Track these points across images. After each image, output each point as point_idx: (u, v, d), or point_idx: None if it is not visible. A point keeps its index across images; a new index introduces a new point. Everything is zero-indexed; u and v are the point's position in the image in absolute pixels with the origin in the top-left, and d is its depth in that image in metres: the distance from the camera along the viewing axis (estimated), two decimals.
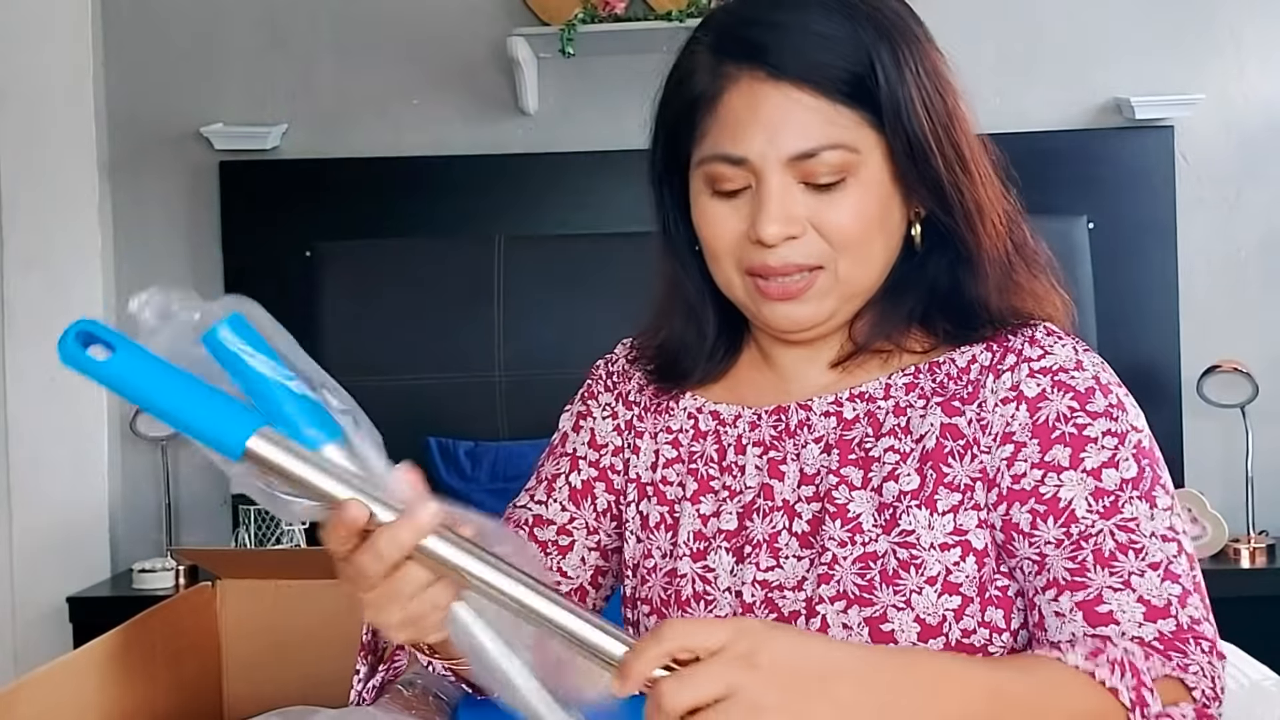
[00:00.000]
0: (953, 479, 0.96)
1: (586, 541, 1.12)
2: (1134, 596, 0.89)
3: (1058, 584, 0.92)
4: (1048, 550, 0.92)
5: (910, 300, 1.03)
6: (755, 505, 1.02)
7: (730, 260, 1.00)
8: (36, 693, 1.31)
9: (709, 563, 1.03)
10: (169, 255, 3.29)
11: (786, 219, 0.96)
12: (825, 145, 0.95)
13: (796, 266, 0.98)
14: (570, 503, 1.12)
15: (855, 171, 0.96)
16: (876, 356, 1.04)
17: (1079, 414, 0.95)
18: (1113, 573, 0.90)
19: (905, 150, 0.97)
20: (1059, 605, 0.91)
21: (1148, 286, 3.16)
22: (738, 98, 0.97)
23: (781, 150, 0.95)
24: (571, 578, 1.11)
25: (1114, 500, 0.92)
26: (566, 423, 1.16)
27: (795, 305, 0.99)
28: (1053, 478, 0.93)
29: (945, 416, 0.98)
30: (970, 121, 1.02)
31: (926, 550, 0.95)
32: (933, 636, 0.94)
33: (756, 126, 0.96)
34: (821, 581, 0.97)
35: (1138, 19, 3.23)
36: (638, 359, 1.15)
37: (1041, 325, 1.01)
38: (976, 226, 1.00)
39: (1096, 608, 0.90)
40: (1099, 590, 0.90)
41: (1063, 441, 0.94)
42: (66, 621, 2.90)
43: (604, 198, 3.18)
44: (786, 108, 0.95)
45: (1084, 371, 0.97)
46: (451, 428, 2.97)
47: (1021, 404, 0.96)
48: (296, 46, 3.29)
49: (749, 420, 1.05)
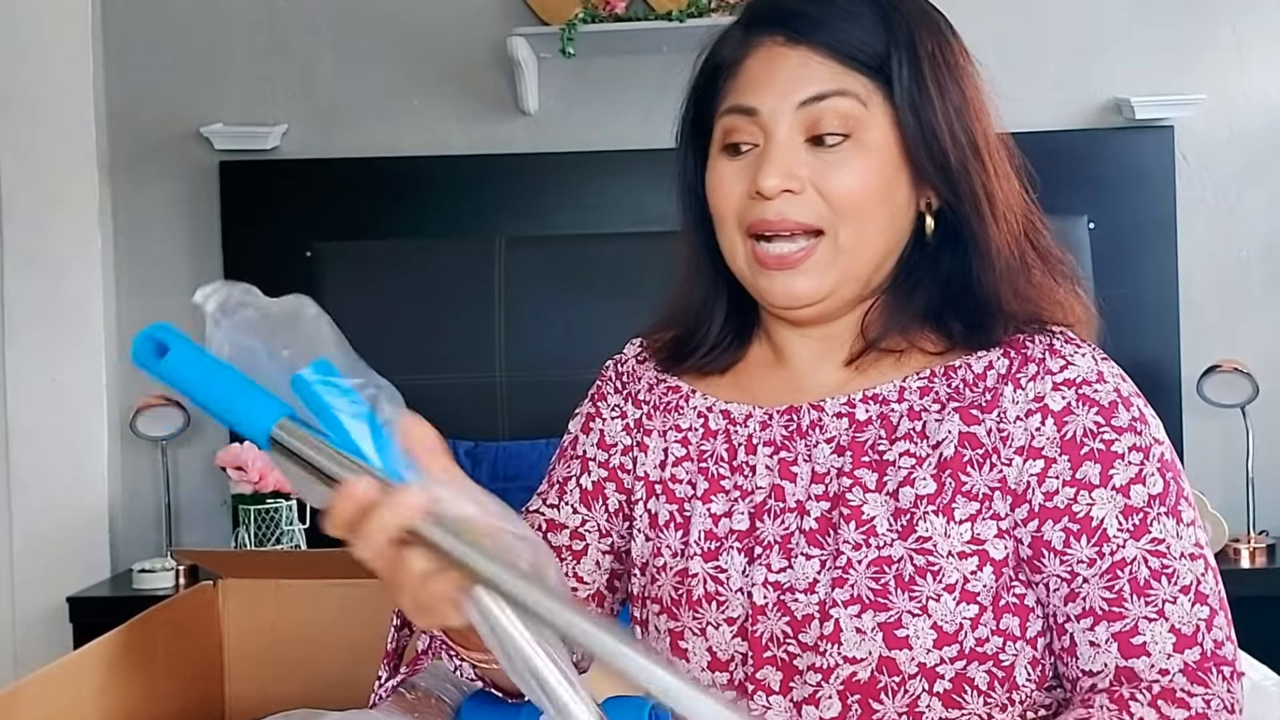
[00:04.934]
0: (971, 488, 0.96)
1: (600, 545, 1.11)
2: (1166, 626, 0.92)
3: (1094, 614, 0.94)
4: (1079, 569, 0.94)
5: (922, 294, 1.03)
6: (766, 506, 1.02)
7: (733, 221, 1.02)
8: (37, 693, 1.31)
9: (721, 563, 1.02)
10: (169, 255, 3.29)
11: (787, 173, 0.98)
12: (834, 91, 0.98)
13: (795, 224, 0.99)
14: (582, 505, 1.11)
15: (860, 132, 0.98)
16: (889, 356, 1.03)
17: (1105, 429, 0.95)
18: (1148, 602, 0.93)
19: (914, 124, 0.99)
20: (1095, 635, 0.94)
21: (1148, 286, 3.16)
22: (757, 61, 1.01)
23: (793, 99, 0.98)
24: (588, 583, 1.10)
25: (1143, 518, 0.94)
26: (575, 425, 1.16)
27: (793, 277, 1.00)
28: (1084, 495, 0.94)
29: (963, 425, 0.97)
30: (989, 114, 1.04)
31: (944, 558, 0.95)
32: (948, 644, 0.94)
33: (770, 83, 1.00)
34: (835, 585, 0.96)
35: (1138, 19, 3.23)
36: (646, 349, 1.14)
37: (1059, 333, 1.00)
38: (986, 216, 1.00)
39: (1131, 639, 0.93)
40: (1135, 621, 0.93)
41: (1092, 458, 0.95)
42: (66, 621, 2.90)
43: (604, 198, 3.18)
44: (800, 65, 0.99)
45: (1106, 384, 0.97)
46: (451, 428, 2.97)
47: (1047, 418, 0.96)
48: (296, 46, 3.29)
49: (760, 420, 1.05)
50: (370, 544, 0.71)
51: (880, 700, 0.95)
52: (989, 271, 1.01)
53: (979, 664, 0.95)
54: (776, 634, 0.97)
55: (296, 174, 3.26)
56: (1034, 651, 0.97)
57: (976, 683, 0.95)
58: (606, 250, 3.06)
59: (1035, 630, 0.97)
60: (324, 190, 3.23)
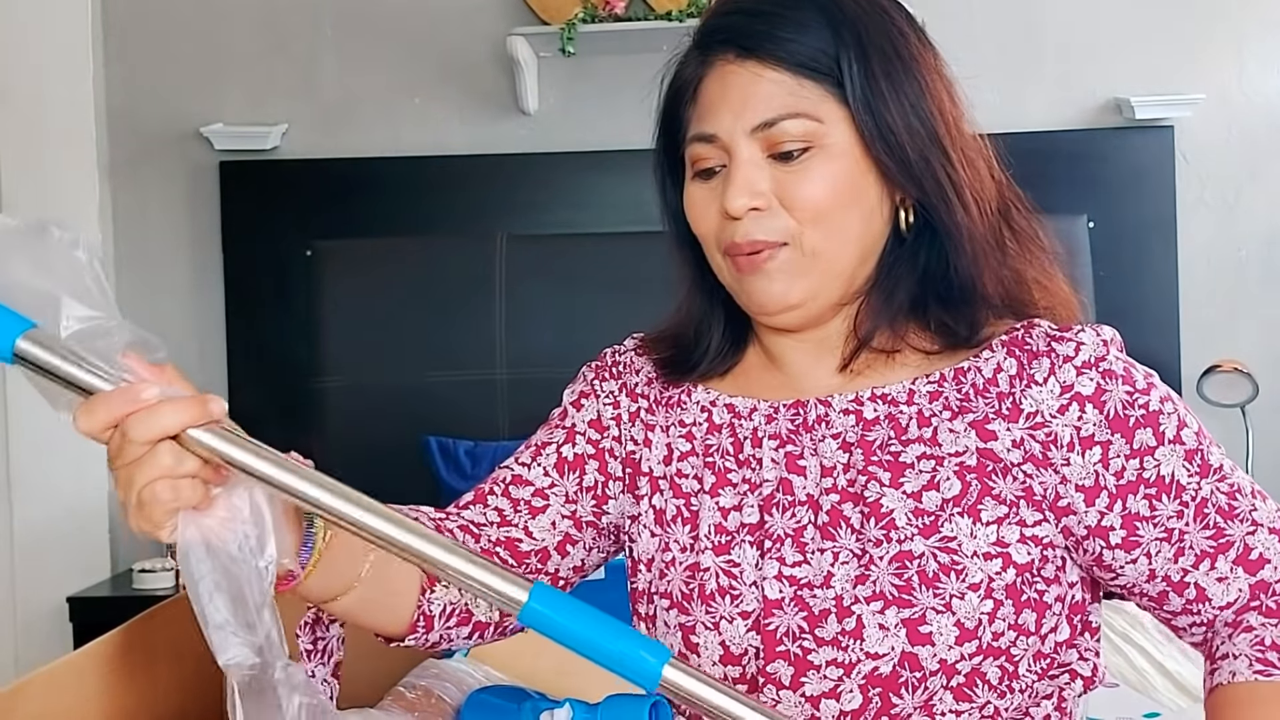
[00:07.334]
0: (998, 493, 0.97)
1: (562, 509, 1.10)
2: (1265, 531, 0.99)
3: (1209, 554, 0.98)
4: (1173, 525, 0.98)
5: (903, 288, 1.03)
6: (775, 499, 1.02)
7: (713, 241, 1.03)
8: (37, 693, 1.31)
9: (733, 556, 1.02)
10: (169, 255, 3.29)
11: (751, 192, 0.99)
12: (786, 114, 0.98)
13: (762, 243, 0.99)
14: (555, 470, 1.11)
15: (820, 142, 0.99)
16: (883, 357, 1.03)
17: (1137, 395, 0.98)
18: (1240, 520, 0.99)
19: (870, 123, 0.99)
20: (1219, 571, 0.99)
21: (1148, 286, 3.16)
22: (711, 81, 1.02)
23: (746, 123, 0.99)
24: (535, 539, 1.09)
25: (1201, 454, 0.98)
26: (568, 398, 1.16)
27: (766, 281, 1.00)
28: (1149, 460, 0.97)
29: (980, 441, 0.98)
30: (952, 103, 1.03)
31: (969, 558, 0.95)
32: (968, 640, 0.95)
33: (725, 104, 1.00)
34: (858, 582, 0.96)
35: (1138, 19, 3.23)
36: (647, 351, 1.14)
37: (1043, 324, 1.00)
38: (954, 203, 1.00)
39: (1249, 557, 0.99)
40: (1242, 541, 0.99)
41: (1140, 425, 0.97)
42: (66, 621, 2.91)
43: (604, 198, 3.18)
44: (752, 83, 0.99)
45: (1111, 351, 0.99)
46: (451, 427, 2.97)
47: (1086, 404, 0.97)
48: (297, 46, 3.29)
49: (765, 413, 1.05)
50: (134, 437, 0.76)
51: (900, 695, 0.95)
52: (962, 257, 1.01)
53: (993, 658, 0.96)
54: (793, 628, 0.98)
55: (296, 174, 3.26)
56: (1042, 645, 0.98)
57: (988, 677, 0.96)
58: (606, 249, 3.06)
59: (1049, 626, 0.98)
60: (324, 190, 3.23)
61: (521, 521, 1.09)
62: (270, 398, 3.14)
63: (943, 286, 1.02)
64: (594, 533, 1.12)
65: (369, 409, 3.06)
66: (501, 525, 1.08)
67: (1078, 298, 1.08)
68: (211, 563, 0.77)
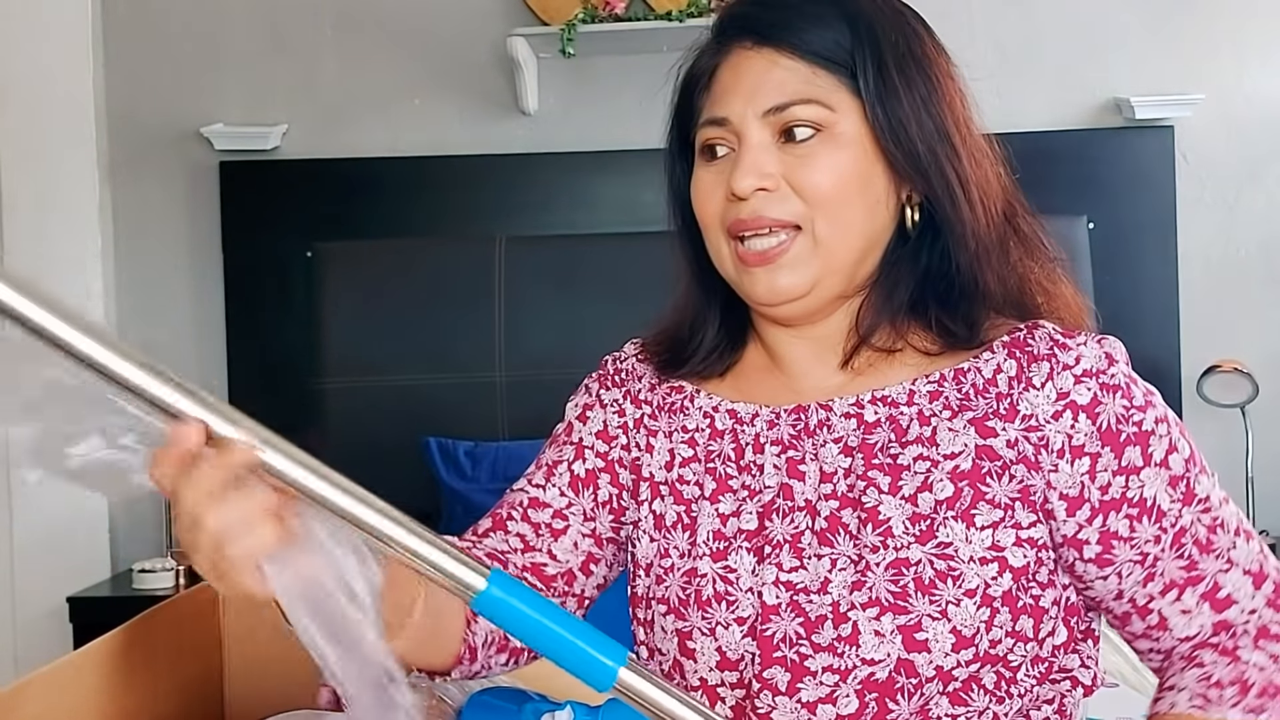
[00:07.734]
0: (992, 496, 0.97)
1: (582, 528, 1.11)
2: (1239, 571, 0.98)
3: (1177, 584, 0.98)
4: (1149, 549, 0.97)
5: (905, 285, 1.03)
6: (775, 505, 1.02)
7: (716, 225, 1.04)
8: (37, 693, 1.31)
9: (730, 563, 1.02)
10: (169, 255, 3.29)
11: (759, 173, 1.00)
12: (798, 99, 1.00)
13: (772, 220, 1.00)
14: (570, 489, 1.12)
15: (830, 129, 1.00)
16: (884, 357, 1.03)
17: (1132, 411, 0.97)
18: (1216, 555, 0.98)
19: (882, 117, 1.00)
20: (1184, 604, 0.98)
21: (1148, 286, 3.16)
22: (726, 68, 1.04)
23: (758, 107, 1.00)
24: (560, 561, 1.10)
25: (1185, 482, 0.97)
26: (572, 413, 1.16)
27: (775, 273, 1.01)
28: (1134, 480, 0.96)
29: (980, 438, 0.98)
30: (961, 104, 1.04)
31: (965, 564, 0.95)
32: (965, 647, 0.95)
33: (738, 89, 1.02)
34: (854, 589, 0.96)
35: (1138, 19, 3.23)
36: (647, 356, 1.14)
37: (1047, 325, 1.00)
38: (960, 201, 1.01)
39: (1217, 595, 0.98)
40: (1213, 578, 0.98)
41: (1130, 443, 0.96)
42: (66, 621, 2.90)
43: (604, 198, 3.18)
44: (766, 69, 1.01)
45: (1114, 365, 0.98)
46: (451, 428, 2.97)
47: (1079, 414, 0.96)
48: (297, 47, 3.30)
49: (767, 419, 1.05)
50: (200, 486, 0.72)
51: (896, 701, 0.95)
52: (965, 254, 1.02)
53: (990, 665, 0.95)
54: (789, 634, 0.98)
55: (296, 174, 3.26)
56: (1040, 650, 0.97)
57: (984, 683, 0.96)
58: (606, 250, 3.06)
59: (1047, 630, 0.97)
60: (324, 190, 3.24)
61: (545, 545, 1.10)
62: (270, 398, 3.13)
63: (944, 286, 1.02)
64: (614, 548, 1.13)
65: (369, 410, 3.06)
66: (526, 551, 1.09)
67: (1084, 303, 1.08)
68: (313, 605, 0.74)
